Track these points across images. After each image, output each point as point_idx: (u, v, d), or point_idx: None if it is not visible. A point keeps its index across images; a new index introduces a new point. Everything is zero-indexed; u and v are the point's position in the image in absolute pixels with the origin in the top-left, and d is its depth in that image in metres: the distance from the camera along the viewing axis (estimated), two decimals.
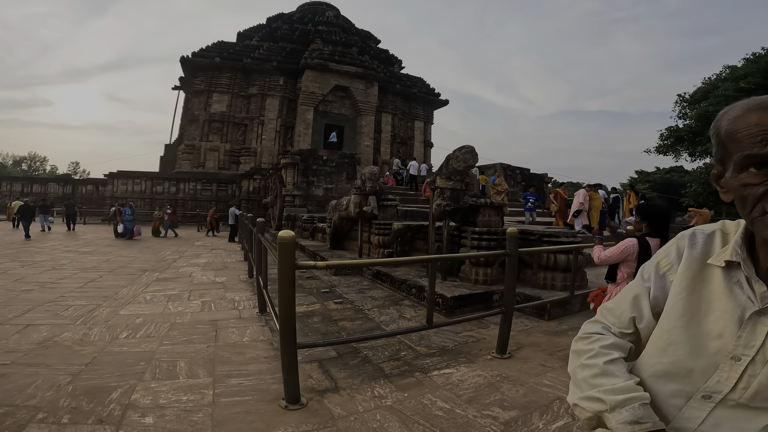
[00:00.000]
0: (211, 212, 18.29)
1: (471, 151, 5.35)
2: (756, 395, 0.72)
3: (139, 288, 6.20)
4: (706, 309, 0.78)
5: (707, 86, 22.21)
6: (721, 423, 0.74)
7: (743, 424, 0.73)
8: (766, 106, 0.66)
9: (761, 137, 0.64)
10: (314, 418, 2.46)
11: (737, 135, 0.67)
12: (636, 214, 3.70)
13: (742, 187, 0.67)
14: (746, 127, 0.66)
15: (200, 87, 25.38)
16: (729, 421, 0.74)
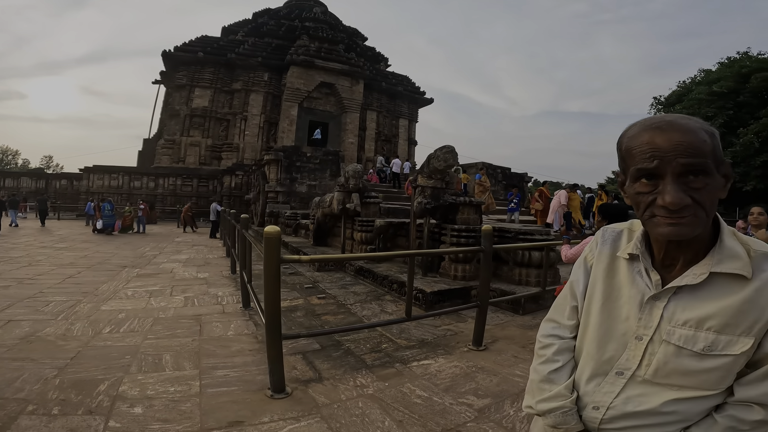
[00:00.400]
0: (186, 208, 17.86)
1: (451, 150, 5.52)
2: (656, 372, 0.83)
3: (120, 284, 6.17)
4: (616, 295, 0.89)
5: (682, 89, 22.89)
6: (631, 397, 0.85)
7: (648, 398, 0.84)
8: (656, 127, 0.77)
9: (650, 154, 0.75)
10: (299, 406, 2.58)
11: (633, 151, 0.78)
12: (598, 213, 3.96)
13: (637, 195, 0.79)
14: (639, 145, 0.77)
15: (182, 81, 24.94)
16: (637, 396, 0.85)
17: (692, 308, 0.80)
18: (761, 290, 0.76)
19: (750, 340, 0.77)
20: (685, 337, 0.80)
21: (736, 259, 0.78)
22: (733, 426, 0.79)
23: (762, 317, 0.76)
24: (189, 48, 25.26)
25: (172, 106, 25.41)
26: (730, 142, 18.72)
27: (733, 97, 19.59)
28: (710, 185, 0.74)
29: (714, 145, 0.75)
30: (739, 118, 19.20)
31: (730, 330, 0.77)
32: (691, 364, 0.80)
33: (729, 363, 0.79)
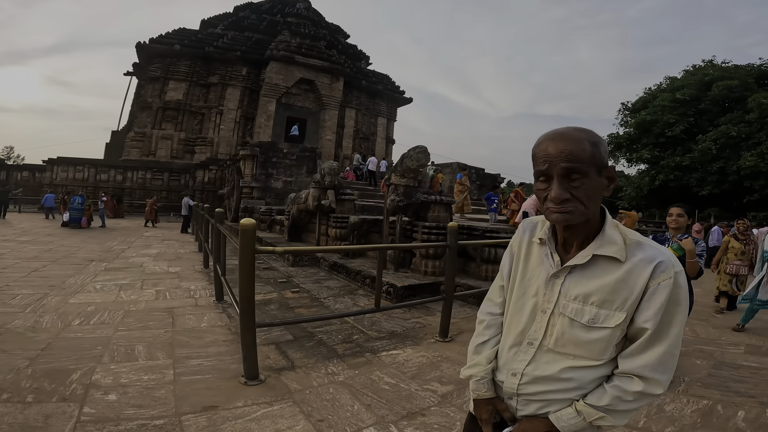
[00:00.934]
0: (150, 202, 17.23)
1: (424, 151, 5.71)
2: (557, 341, 0.98)
3: (87, 277, 6.07)
4: (530, 274, 1.05)
5: (648, 96, 23.54)
6: (539, 365, 1.00)
7: (551, 366, 0.98)
8: (550, 138, 0.94)
9: (543, 159, 0.92)
10: (272, 391, 2.69)
11: (535, 157, 0.96)
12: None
13: (538, 191, 0.96)
14: (538, 152, 0.94)
15: (156, 74, 24.25)
16: (543, 363, 0.99)
17: (581, 285, 0.96)
18: (631, 271, 0.91)
19: (623, 314, 0.91)
20: (575, 310, 0.95)
21: (613, 245, 0.93)
22: (619, 395, 0.92)
23: (631, 295, 0.91)
24: (165, 40, 24.59)
25: (144, 98, 24.68)
26: (689, 148, 19.62)
27: (695, 105, 20.45)
28: (586, 184, 0.90)
29: (593, 153, 0.91)
30: (699, 125, 20.08)
31: (608, 305, 0.92)
32: (581, 334, 0.94)
33: (608, 335, 0.93)
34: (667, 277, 0.90)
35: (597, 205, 0.95)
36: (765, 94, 17.66)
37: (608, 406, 0.92)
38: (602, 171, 0.93)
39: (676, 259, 0.94)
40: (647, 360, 0.91)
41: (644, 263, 0.91)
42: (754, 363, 3.69)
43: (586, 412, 0.94)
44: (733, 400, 2.85)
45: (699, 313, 5.62)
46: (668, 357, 0.92)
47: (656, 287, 0.90)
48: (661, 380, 0.92)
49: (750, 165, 16.90)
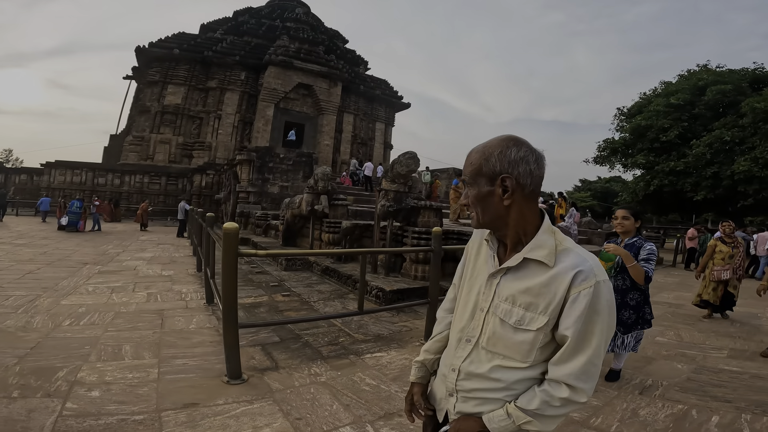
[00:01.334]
0: (143, 206, 17.08)
1: (413, 156, 5.80)
2: (489, 340, 1.01)
3: (81, 280, 6.13)
4: (476, 274, 1.09)
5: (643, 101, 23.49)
6: (473, 362, 1.03)
7: (483, 364, 1.01)
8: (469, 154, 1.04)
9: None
10: (254, 390, 2.76)
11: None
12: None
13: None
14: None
15: (155, 78, 24.39)
16: (477, 360, 1.02)
17: (511, 287, 0.99)
18: (555, 277, 0.94)
19: (545, 318, 0.93)
20: (504, 311, 0.98)
21: (542, 249, 0.96)
22: (547, 400, 0.93)
23: (554, 300, 0.93)
24: (164, 44, 24.76)
25: (143, 102, 24.81)
26: (683, 153, 19.68)
27: (689, 109, 20.47)
28: (476, 194, 1.00)
29: (481, 164, 0.99)
30: (693, 130, 20.10)
31: (533, 308, 0.95)
32: (509, 335, 0.97)
33: (532, 337, 0.95)
34: (587, 286, 0.91)
35: (493, 213, 1.00)
36: (758, 98, 17.65)
37: (537, 411, 0.94)
38: (495, 180, 0.97)
39: (601, 268, 0.95)
40: (571, 369, 0.92)
41: (567, 270, 0.93)
42: (736, 367, 3.68)
43: (516, 415, 0.95)
44: (708, 404, 2.85)
45: (686, 318, 5.69)
46: (590, 366, 0.93)
47: (577, 295, 0.91)
48: (584, 389, 0.93)
49: (744, 170, 16.94)
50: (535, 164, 0.98)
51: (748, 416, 2.68)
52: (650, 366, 3.63)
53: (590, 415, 2.62)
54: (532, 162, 0.98)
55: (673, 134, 19.99)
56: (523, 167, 0.97)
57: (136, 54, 24.94)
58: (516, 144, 0.99)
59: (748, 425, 2.56)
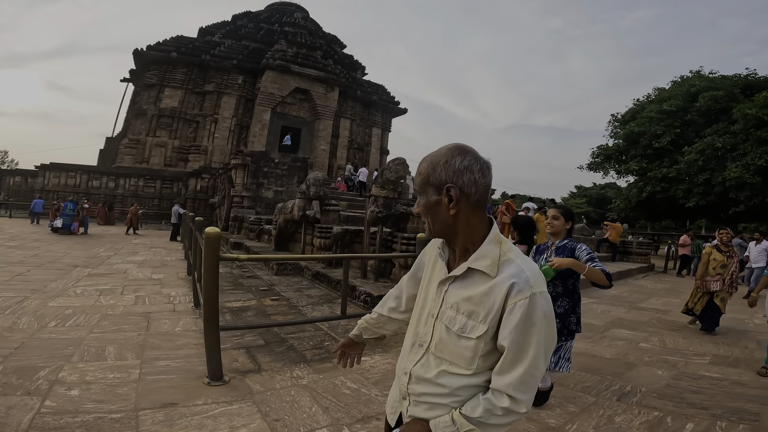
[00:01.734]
0: (132, 209, 16.89)
1: (402, 163, 5.86)
2: (436, 346, 1.03)
3: (69, 282, 6.14)
4: (431, 279, 1.12)
5: (637, 107, 23.66)
6: (422, 367, 1.05)
7: (431, 369, 1.03)
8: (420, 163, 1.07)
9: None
10: (234, 392, 2.79)
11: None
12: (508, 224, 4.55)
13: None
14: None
15: (152, 81, 24.41)
16: (426, 365, 1.04)
17: (456, 295, 1.01)
18: (493, 287, 0.95)
19: (485, 327, 0.95)
20: (449, 318, 1.01)
21: (485, 259, 0.98)
22: (489, 409, 0.94)
23: (492, 309, 0.95)
24: (162, 47, 24.80)
25: (140, 105, 24.82)
26: (675, 159, 19.83)
27: (682, 116, 20.59)
28: (426, 203, 1.03)
29: (428, 174, 1.01)
30: (685, 137, 20.23)
31: (474, 316, 0.97)
32: (453, 342, 1.00)
33: (474, 345, 0.97)
34: (522, 297, 0.92)
35: (442, 222, 1.03)
36: (750, 104, 17.71)
37: (480, 419, 0.95)
38: (441, 190, 1.00)
39: (539, 279, 0.96)
40: (510, 379, 0.93)
41: (504, 280, 0.94)
42: (716, 374, 3.69)
43: (460, 422, 0.96)
44: (684, 411, 2.85)
45: (671, 324, 5.74)
46: (528, 377, 0.94)
47: (513, 306, 0.93)
48: (523, 399, 0.94)
49: (735, 176, 17.06)
50: (480, 173, 0.99)
51: (724, 423, 2.67)
52: (631, 372, 3.65)
53: (566, 421, 2.64)
54: (477, 171, 0.99)
55: (666, 141, 20.16)
56: (467, 176, 0.98)
57: (134, 57, 24.98)
58: (461, 153, 1.00)
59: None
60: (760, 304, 4.74)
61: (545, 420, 2.65)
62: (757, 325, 5.83)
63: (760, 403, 3.04)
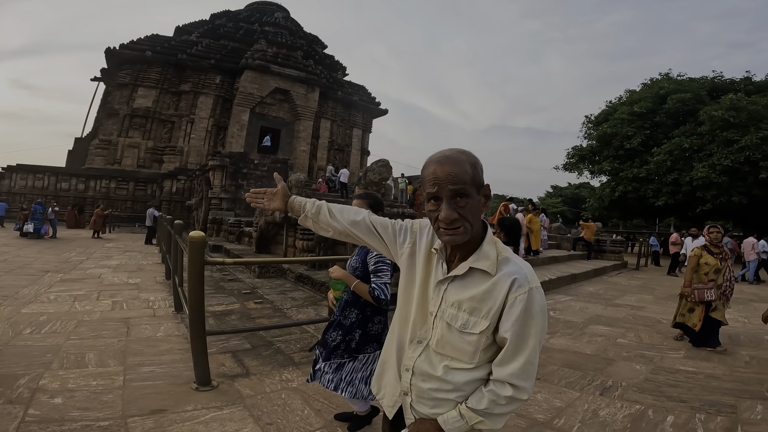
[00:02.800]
0: (97, 211, 15.99)
1: (386, 164, 5.89)
2: (438, 342, 1.07)
3: (42, 288, 5.90)
4: (427, 278, 1.14)
5: (609, 108, 24.26)
6: (424, 363, 1.08)
7: (434, 365, 1.07)
8: (437, 161, 1.03)
9: (432, 182, 1.01)
10: (223, 396, 2.74)
11: (425, 179, 1.05)
12: (496, 226, 4.51)
13: (429, 212, 1.05)
14: (427, 175, 1.04)
15: (125, 80, 23.68)
16: (428, 360, 1.08)
17: (458, 293, 1.05)
18: (495, 284, 1.01)
19: (487, 322, 1.00)
20: (451, 316, 1.04)
21: (486, 260, 1.03)
22: (494, 399, 1.00)
23: (495, 305, 1.00)
24: (136, 46, 24.09)
25: (111, 104, 24.04)
26: (645, 160, 20.49)
27: (651, 117, 21.30)
28: (470, 204, 1.00)
29: (474, 174, 1.01)
30: (654, 138, 20.89)
31: (477, 313, 1.02)
32: (455, 338, 1.03)
33: (476, 340, 1.02)
34: (522, 292, 0.99)
35: (479, 222, 1.05)
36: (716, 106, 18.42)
37: (486, 410, 1.00)
38: (480, 190, 1.04)
39: (534, 275, 1.03)
40: (513, 369, 0.99)
41: (506, 277, 1.01)
42: (691, 368, 3.80)
43: (468, 416, 1.01)
44: (664, 405, 2.92)
45: (645, 320, 5.93)
46: (528, 366, 1.00)
47: (514, 300, 0.99)
48: (525, 387, 1.00)
49: (702, 176, 17.75)
50: None
51: (702, 416, 2.75)
52: (611, 367, 3.75)
53: (554, 416, 2.71)
54: None
55: (636, 142, 20.81)
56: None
57: (106, 55, 24.17)
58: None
59: (702, 425, 2.63)
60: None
61: (533, 415, 2.71)
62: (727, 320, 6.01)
63: (736, 396, 3.14)
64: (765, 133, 16.85)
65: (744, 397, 3.13)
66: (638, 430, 2.56)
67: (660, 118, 21.28)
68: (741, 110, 17.54)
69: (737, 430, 2.59)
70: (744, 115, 17.45)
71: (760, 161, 16.62)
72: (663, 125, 21.25)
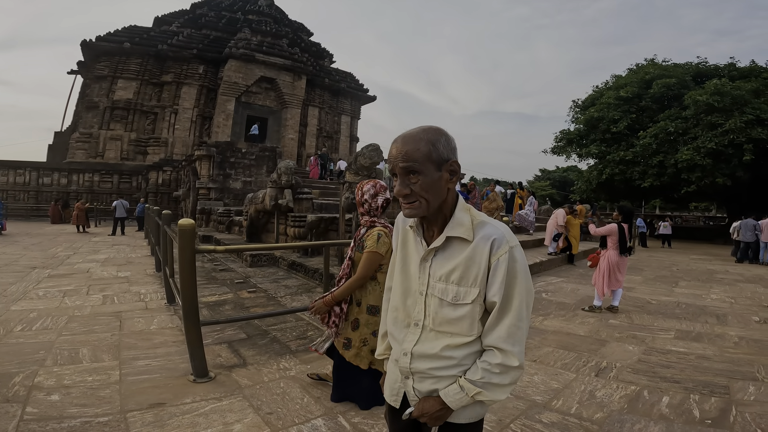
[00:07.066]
0: (78, 205, 15.67)
1: (377, 149, 5.84)
2: (434, 320, 1.05)
3: (30, 285, 5.79)
4: (408, 260, 1.13)
5: (596, 93, 24.47)
6: (424, 344, 1.07)
7: (434, 344, 1.06)
8: (395, 141, 1.04)
9: (390, 160, 1.03)
10: (222, 388, 2.72)
11: (389, 160, 1.05)
12: (616, 210, 5.64)
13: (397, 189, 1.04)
14: (388, 154, 1.05)
15: (103, 72, 22.96)
16: (427, 341, 1.07)
17: (442, 266, 1.04)
18: (475, 248, 1.01)
19: (476, 290, 1.00)
20: (441, 290, 1.04)
21: (460, 226, 1.03)
22: (487, 368, 1.00)
23: (479, 270, 1.00)
24: (114, 38, 23.32)
25: (91, 97, 23.35)
26: (632, 143, 20.76)
27: (637, 102, 21.57)
28: (423, 181, 0.99)
29: (429, 151, 1.00)
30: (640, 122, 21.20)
31: (465, 282, 1.01)
32: (450, 312, 1.03)
33: (470, 311, 1.01)
34: (503, 252, 0.98)
35: (440, 196, 1.03)
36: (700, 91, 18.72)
37: (482, 380, 0.99)
38: (442, 166, 1.02)
39: (511, 234, 1.02)
40: (499, 333, 0.99)
41: (484, 240, 1.00)
42: (682, 348, 3.81)
43: (467, 387, 1.01)
44: (659, 385, 2.94)
45: (635, 300, 6.04)
46: (514, 329, 0.98)
47: (497, 262, 0.98)
48: (513, 351, 0.98)
49: (686, 158, 18.04)
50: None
51: (697, 397, 2.77)
52: (604, 348, 3.79)
53: (551, 397, 2.73)
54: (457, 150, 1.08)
55: (623, 125, 21.02)
56: (456, 154, 1.06)
57: (82, 48, 23.34)
58: (446, 133, 1.06)
59: (697, 405, 2.65)
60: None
61: (531, 397, 2.75)
62: (714, 300, 6.20)
63: (727, 377, 3.17)
64: (749, 117, 17.11)
65: (736, 377, 3.15)
66: (635, 411, 2.58)
67: (646, 102, 21.52)
68: (725, 95, 17.76)
69: (732, 410, 2.60)
70: (728, 100, 17.68)
71: (744, 144, 16.89)
72: (648, 109, 21.50)
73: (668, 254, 13.87)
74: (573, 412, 2.54)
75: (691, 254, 13.92)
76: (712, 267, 10.46)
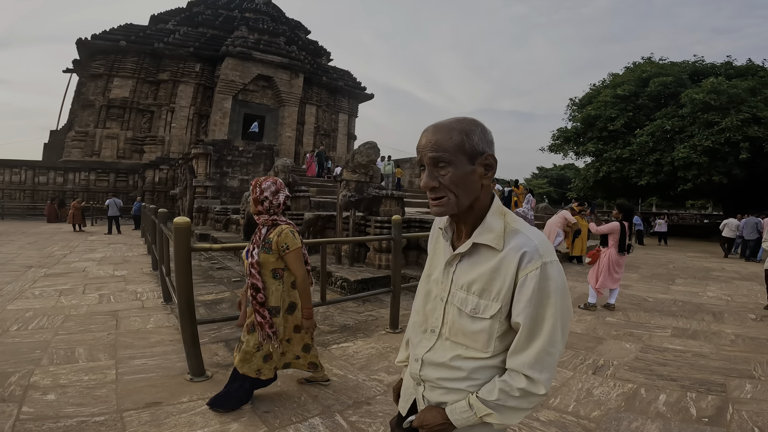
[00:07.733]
0: (74, 204, 15.63)
1: (373, 146, 5.83)
2: (450, 330, 0.98)
3: (26, 284, 5.76)
4: (435, 263, 1.06)
5: (593, 91, 24.49)
6: (436, 352, 1.00)
7: (444, 353, 0.98)
8: (425, 130, 0.95)
9: (418, 150, 0.95)
10: (218, 387, 2.70)
11: (417, 150, 0.96)
12: (616, 208, 5.74)
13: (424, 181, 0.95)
14: (417, 145, 0.96)
15: (99, 71, 22.84)
16: (440, 349, 0.99)
17: (466, 273, 0.95)
18: (503, 260, 0.89)
19: (498, 305, 0.90)
20: (461, 300, 0.95)
21: (489, 233, 0.92)
22: (506, 390, 0.89)
23: (504, 284, 0.89)
24: (109, 36, 23.19)
25: (86, 96, 23.23)
26: (628, 141, 20.81)
27: (634, 100, 21.62)
28: (454, 173, 0.90)
29: (461, 141, 0.90)
30: (637, 120, 21.25)
31: (486, 295, 0.92)
32: (467, 324, 0.94)
33: (488, 326, 0.92)
34: (533, 267, 0.87)
35: (472, 193, 0.93)
36: (697, 89, 18.77)
37: (497, 401, 0.90)
38: (476, 159, 0.92)
39: (548, 248, 0.91)
40: (525, 358, 0.88)
41: (514, 252, 0.89)
42: (679, 346, 3.81)
43: (477, 407, 0.92)
44: (656, 383, 2.94)
45: (632, 298, 6.03)
46: (544, 355, 0.88)
47: (525, 278, 0.87)
48: (540, 379, 0.88)
49: (683, 156, 18.11)
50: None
51: (693, 395, 2.76)
52: (601, 346, 3.79)
53: (549, 395, 2.71)
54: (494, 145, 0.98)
55: (619, 123, 21.08)
56: (493, 148, 0.96)
57: (78, 47, 23.21)
58: (483, 125, 0.97)
59: (694, 404, 2.64)
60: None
61: None
62: (711, 298, 6.20)
63: (724, 375, 3.15)
64: (745, 115, 17.17)
65: (732, 375, 3.14)
66: (632, 408, 2.57)
67: (642, 100, 21.57)
68: (722, 93, 17.81)
69: (728, 408, 2.59)
70: (724, 98, 17.73)
71: (740, 142, 16.95)
72: (645, 108, 21.55)
73: (665, 252, 13.90)
74: (570, 410, 2.53)
75: (687, 252, 13.97)
76: (708, 264, 10.50)
